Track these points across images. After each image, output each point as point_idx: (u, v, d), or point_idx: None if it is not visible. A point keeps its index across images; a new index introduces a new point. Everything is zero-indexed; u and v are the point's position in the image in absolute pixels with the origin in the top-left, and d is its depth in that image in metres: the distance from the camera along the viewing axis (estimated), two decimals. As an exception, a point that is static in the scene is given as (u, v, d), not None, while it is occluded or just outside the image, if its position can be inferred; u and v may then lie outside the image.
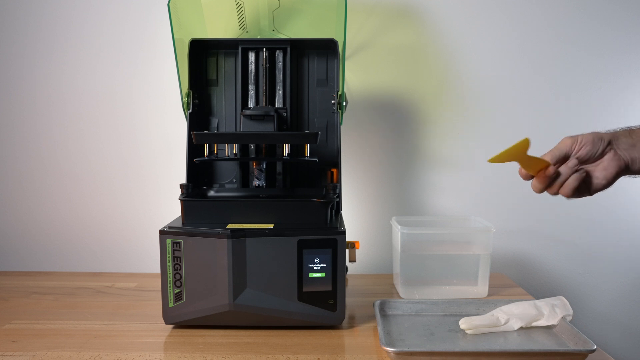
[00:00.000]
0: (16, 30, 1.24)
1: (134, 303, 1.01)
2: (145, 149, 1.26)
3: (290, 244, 0.82)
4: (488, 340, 0.81)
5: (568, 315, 0.85)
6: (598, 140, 0.75)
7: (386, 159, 1.26)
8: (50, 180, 1.28)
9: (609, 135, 0.77)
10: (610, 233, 1.28)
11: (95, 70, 1.25)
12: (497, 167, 1.26)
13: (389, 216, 1.20)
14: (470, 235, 1.05)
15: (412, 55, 1.24)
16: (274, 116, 0.98)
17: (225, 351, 0.78)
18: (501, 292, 1.08)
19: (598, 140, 0.75)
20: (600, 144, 0.75)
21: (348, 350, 0.79)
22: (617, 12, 1.23)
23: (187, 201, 0.87)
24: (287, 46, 1.03)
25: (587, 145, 0.75)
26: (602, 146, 0.75)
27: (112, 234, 1.28)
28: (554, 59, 1.24)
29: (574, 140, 0.76)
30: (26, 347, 0.80)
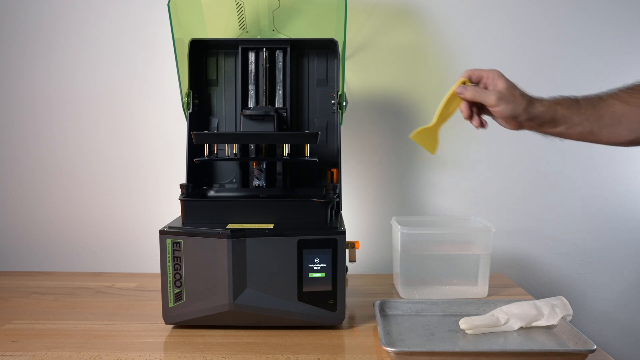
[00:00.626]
0: (16, 30, 1.24)
1: (134, 303, 1.01)
2: (145, 149, 1.26)
3: (290, 244, 0.82)
4: (488, 340, 0.81)
5: (568, 315, 0.85)
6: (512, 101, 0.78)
7: (386, 159, 1.26)
8: (50, 180, 1.28)
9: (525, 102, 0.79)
10: (610, 233, 1.28)
11: (95, 70, 1.25)
12: (497, 167, 1.26)
13: (389, 216, 1.20)
14: (470, 235, 1.05)
15: (412, 55, 1.24)
16: (274, 116, 0.98)
17: (225, 351, 0.78)
18: (501, 292, 1.08)
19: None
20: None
21: (348, 350, 0.79)
22: (617, 12, 1.23)
23: (187, 201, 0.87)
24: (287, 46, 1.03)
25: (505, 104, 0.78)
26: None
27: (112, 234, 1.28)
28: (554, 59, 1.24)
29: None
30: (26, 347, 0.80)
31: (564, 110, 0.77)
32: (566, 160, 1.26)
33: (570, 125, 0.78)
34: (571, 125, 0.78)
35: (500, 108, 0.78)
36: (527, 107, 0.77)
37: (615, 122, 0.77)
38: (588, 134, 0.78)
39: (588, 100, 0.78)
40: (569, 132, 0.79)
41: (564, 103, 0.78)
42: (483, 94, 0.79)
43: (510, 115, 0.78)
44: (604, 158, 1.26)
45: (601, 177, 1.27)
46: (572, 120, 0.78)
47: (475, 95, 0.79)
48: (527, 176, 1.27)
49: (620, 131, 0.77)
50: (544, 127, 0.80)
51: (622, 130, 0.77)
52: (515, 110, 0.77)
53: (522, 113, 0.78)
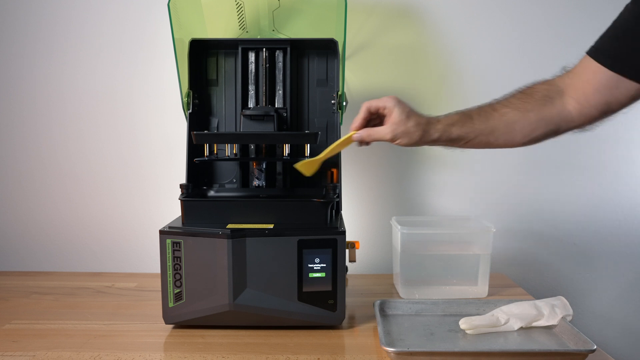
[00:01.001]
0: (16, 30, 1.24)
1: (134, 303, 1.01)
2: (145, 149, 1.26)
3: (290, 244, 0.82)
4: (488, 340, 0.81)
5: (568, 315, 0.85)
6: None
7: (386, 159, 1.26)
8: (50, 180, 1.28)
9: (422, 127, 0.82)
10: (610, 233, 1.28)
11: (95, 70, 1.25)
12: (497, 167, 1.26)
13: (389, 216, 1.20)
14: (470, 235, 1.05)
15: (412, 55, 1.24)
16: (274, 116, 0.98)
17: (225, 351, 0.78)
18: (501, 292, 1.08)
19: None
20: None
21: (348, 350, 0.79)
22: (617, 12, 1.23)
23: (187, 201, 0.87)
24: (287, 46, 1.03)
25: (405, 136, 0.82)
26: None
27: (112, 234, 1.28)
28: (554, 59, 1.24)
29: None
30: (26, 347, 0.80)
31: (458, 130, 0.82)
32: (566, 160, 1.26)
33: (467, 140, 0.83)
34: (467, 141, 0.83)
35: (397, 142, 0.82)
36: (422, 136, 0.82)
37: (509, 129, 0.82)
38: (485, 144, 0.84)
39: (481, 114, 0.83)
40: (468, 145, 0.84)
41: (458, 122, 0.82)
42: (378, 134, 0.83)
43: (408, 145, 0.83)
44: (605, 158, 1.26)
45: (601, 177, 1.27)
46: (468, 137, 0.82)
47: (372, 137, 0.83)
48: (527, 176, 1.27)
49: (514, 136, 0.82)
50: (443, 145, 0.85)
51: (517, 135, 0.82)
52: (411, 141, 0.82)
53: (419, 142, 0.82)
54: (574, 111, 0.80)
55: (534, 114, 0.81)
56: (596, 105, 0.78)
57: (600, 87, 0.77)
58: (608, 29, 0.78)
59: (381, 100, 0.83)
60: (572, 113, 0.80)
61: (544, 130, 0.81)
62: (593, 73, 0.78)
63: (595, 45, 0.79)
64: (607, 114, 0.80)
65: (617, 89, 0.76)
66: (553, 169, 1.27)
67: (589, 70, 0.78)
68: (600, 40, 0.79)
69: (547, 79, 0.84)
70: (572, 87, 0.80)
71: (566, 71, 0.83)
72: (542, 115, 0.81)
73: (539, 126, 0.81)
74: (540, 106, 0.81)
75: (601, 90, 0.77)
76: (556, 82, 0.83)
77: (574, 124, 0.81)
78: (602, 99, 0.78)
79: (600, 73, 0.77)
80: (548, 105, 0.81)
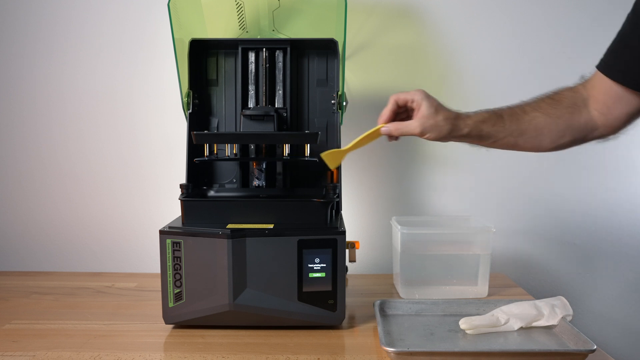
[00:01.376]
0: (16, 30, 1.24)
1: (134, 303, 1.01)
2: (145, 149, 1.26)
3: (290, 244, 0.82)
4: (488, 340, 0.81)
5: (568, 315, 0.85)
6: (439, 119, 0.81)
7: (386, 159, 1.26)
8: (50, 180, 1.28)
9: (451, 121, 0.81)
10: (610, 233, 1.28)
11: (95, 70, 1.25)
12: (497, 167, 1.26)
13: (389, 216, 1.19)
14: (470, 235, 1.05)
15: (412, 55, 1.24)
16: (274, 116, 0.98)
17: (225, 351, 0.78)
18: (501, 292, 1.08)
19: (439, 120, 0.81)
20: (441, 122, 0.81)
21: (348, 350, 0.79)
22: (617, 13, 1.22)
23: (187, 201, 0.87)
24: (287, 46, 1.03)
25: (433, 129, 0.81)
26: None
27: (112, 234, 1.28)
28: (554, 59, 1.24)
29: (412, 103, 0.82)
30: (26, 347, 0.80)
31: (489, 128, 0.81)
32: (566, 160, 1.26)
33: (496, 139, 0.82)
34: (496, 140, 0.82)
35: (426, 136, 0.81)
36: (451, 131, 0.81)
37: (538, 134, 0.81)
38: (512, 146, 0.83)
39: (512, 115, 0.82)
40: (495, 145, 0.83)
41: (488, 120, 0.82)
42: (406, 127, 0.82)
43: (437, 139, 0.82)
44: (605, 158, 1.26)
45: (601, 177, 1.27)
46: (497, 136, 0.82)
47: (400, 131, 0.82)
48: (527, 176, 1.27)
49: (542, 141, 0.82)
50: (471, 142, 0.84)
51: (544, 140, 0.82)
52: (440, 135, 0.81)
53: (447, 136, 0.81)
54: (599, 121, 0.81)
55: (563, 122, 0.81)
56: (619, 116, 0.79)
57: (618, 99, 0.78)
58: (614, 41, 0.78)
59: (409, 93, 0.82)
60: (597, 123, 0.81)
61: (571, 137, 0.82)
62: (609, 87, 0.78)
63: (605, 60, 0.79)
64: (631, 121, 0.80)
65: (635, 100, 0.77)
66: (553, 169, 1.27)
67: (604, 83, 0.79)
68: (608, 53, 0.78)
69: (571, 86, 0.84)
70: (594, 99, 0.81)
71: (584, 79, 0.83)
72: (570, 123, 0.81)
73: (566, 133, 0.81)
74: (569, 113, 0.81)
75: (620, 102, 0.78)
76: (580, 91, 0.82)
77: (599, 133, 0.82)
78: (624, 110, 0.78)
79: (615, 87, 0.77)
80: (576, 114, 0.81)
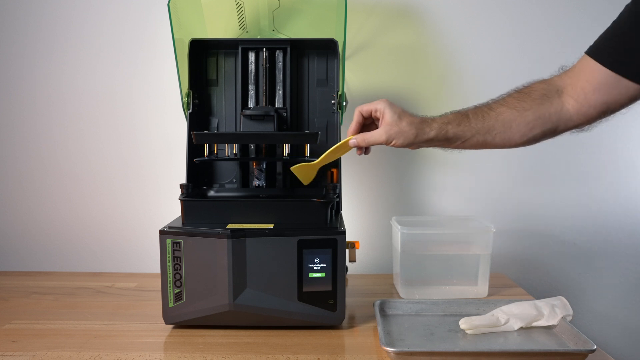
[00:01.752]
0: (16, 30, 1.24)
1: (134, 303, 1.01)
2: (145, 149, 1.26)
3: (290, 244, 0.82)
4: (488, 340, 0.81)
5: (568, 315, 0.85)
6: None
7: (386, 159, 1.26)
8: (50, 180, 1.28)
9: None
10: (610, 233, 1.28)
11: (95, 70, 1.25)
12: (497, 167, 1.26)
13: (389, 216, 1.20)
14: (470, 235, 1.05)
15: (412, 55, 1.24)
16: (274, 116, 0.98)
17: (225, 351, 0.78)
18: (501, 292, 1.08)
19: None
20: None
21: (348, 350, 0.79)
22: (617, 12, 1.23)
23: (187, 201, 0.87)
24: (287, 46, 1.03)
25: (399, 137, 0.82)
26: None
27: (112, 234, 1.28)
28: (554, 59, 1.24)
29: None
30: (26, 347, 0.80)
31: (455, 129, 0.82)
32: (566, 160, 1.26)
33: (464, 140, 0.82)
34: (464, 140, 0.82)
35: (392, 143, 0.82)
36: (417, 135, 0.81)
37: (505, 129, 0.81)
38: (482, 144, 0.83)
39: (478, 113, 0.83)
40: (464, 145, 0.84)
41: (454, 121, 0.82)
42: (372, 137, 0.83)
43: (404, 145, 0.83)
44: (605, 158, 1.26)
45: (601, 177, 1.27)
46: (464, 136, 0.82)
47: (367, 141, 0.84)
48: (527, 176, 1.27)
49: (512, 136, 0.82)
50: (439, 145, 0.84)
51: (514, 135, 0.82)
52: (407, 141, 0.82)
53: (414, 141, 0.82)
54: (573, 110, 0.80)
55: (531, 113, 0.80)
56: (595, 104, 0.78)
57: (599, 86, 0.77)
58: (608, 29, 0.78)
59: (372, 103, 0.84)
60: (571, 112, 0.80)
61: (542, 129, 0.81)
62: (592, 72, 0.77)
63: (595, 45, 0.79)
64: (606, 113, 0.80)
65: (616, 89, 0.76)
66: (553, 169, 1.27)
67: (588, 69, 0.78)
68: (599, 40, 0.78)
69: (545, 78, 0.84)
70: (571, 86, 0.80)
71: (564, 70, 0.83)
72: (539, 114, 0.80)
73: (536, 125, 0.81)
74: (537, 105, 0.80)
75: (600, 89, 0.77)
76: (554, 81, 0.82)
77: (573, 124, 0.81)
78: (601, 99, 0.78)
79: (599, 72, 0.77)
80: (546, 104, 0.80)
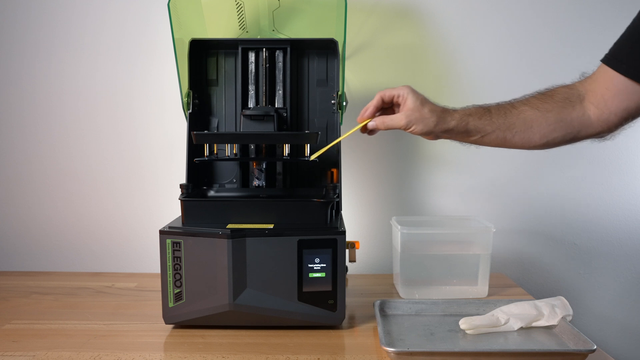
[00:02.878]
0: (16, 30, 1.24)
1: (134, 303, 1.01)
2: (145, 149, 1.26)
3: (290, 244, 0.82)
4: (488, 340, 0.81)
5: (568, 316, 0.85)
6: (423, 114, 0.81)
7: (386, 159, 1.26)
8: (50, 180, 1.28)
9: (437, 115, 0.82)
10: (610, 233, 1.28)
11: (95, 70, 1.25)
12: (497, 167, 1.26)
13: (389, 216, 1.20)
14: (470, 235, 1.05)
15: (412, 55, 1.24)
16: (274, 116, 0.98)
17: (225, 351, 0.78)
18: (501, 292, 1.08)
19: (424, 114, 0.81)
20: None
21: (348, 350, 0.79)
22: (617, 14, 1.23)
23: (187, 201, 0.87)
24: (287, 46, 1.03)
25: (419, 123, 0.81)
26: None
27: (112, 234, 1.28)
28: (554, 60, 1.24)
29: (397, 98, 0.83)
30: (26, 347, 0.80)
31: (476, 122, 0.81)
32: (566, 160, 1.26)
33: (484, 134, 0.82)
34: (484, 134, 0.82)
35: (412, 129, 0.81)
36: (437, 123, 0.81)
37: (526, 127, 0.81)
38: (502, 141, 0.82)
39: (500, 109, 0.82)
40: (483, 140, 0.83)
41: (475, 114, 0.81)
42: (392, 121, 0.82)
43: (423, 132, 0.82)
44: (604, 157, 1.26)
45: (601, 177, 1.27)
46: (485, 130, 0.81)
47: (387, 125, 0.83)
48: (527, 176, 1.27)
49: (532, 136, 0.81)
50: (458, 137, 0.83)
51: (534, 135, 0.81)
52: (426, 128, 0.81)
53: (434, 129, 0.81)
54: (594, 117, 0.80)
55: (553, 115, 0.80)
56: (616, 111, 0.78)
57: (618, 93, 0.77)
58: (622, 35, 0.78)
59: (395, 89, 0.83)
60: (592, 118, 0.80)
61: (563, 132, 0.81)
62: (610, 80, 0.77)
63: (610, 52, 0.78)
64: (627, 120, 0.79)
65: (636, 94, 0.76)
66: (553, 169, 1.27)
67: (606, 76, 0.78)
68: (614, 47, 0.78)
69: (567, 83, 0.83)
70: (592, 93, 0.80)
71: (585, 77, 0.83)
72: (561, 117, 0.80)
73: (557, 128, 0.80)
74: (560, 108, 0.80)
75: (619, 96, 0.77)
76: (576, 87, 0.82)
77: (594, 130, 0.81)
78: (621, 105, 0.77)
79: (616, 79, 0.77)
80: (568, 108, 0.80)
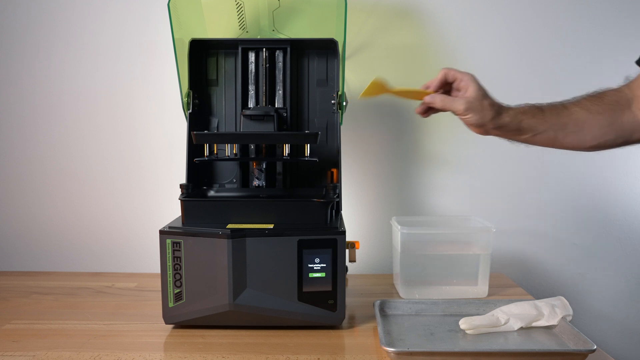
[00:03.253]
0: (16, 30, 1.24)
1: (134, 303, 1.01)
2: (145, 149, 1.26)
3: (290, 244, 0.82)
4: (488, 340, 0.81)
5: (568, 315, 0.85)
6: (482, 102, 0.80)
7: (386, 159, 1.26)
8: (50, 180, 1.28)
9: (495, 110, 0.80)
10: (610, 233, 1.28)
11: (95, 70, 1.25)
12: (497, 167, 1.26)
13: (389, 216, 1.20)
14: (470, 235, 1.05)
15: (412, 55, 1.24)
16: (274, 116, 0.98)
17: (225, 351, 0.78)
18: (501, 292, 1.08)
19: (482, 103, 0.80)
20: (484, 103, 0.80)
21: (348, 350, 0.79)
22: (617, 14, 1.23)
23: (187, 201, 0.87)
24: (287, 46, 1.03)
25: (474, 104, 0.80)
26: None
27: (112, 234, 1.28)
28: (554, 61, 1.24)
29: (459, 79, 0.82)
30: (26, 347, 0.80)
31: (529, 120, 0.80)
32: (566, 160, 1.26)
33: (535, 133, 0.81)
34: (536, 133, 0.81)
35: (468, 117, 0.80)
36: (494, 117, 0.79)
37: (578, 129, 0.80)
38: (552, 141, 0.81)
39: (552, 109, 0.81)
40: (534, 139, 0.82)
41: (529, 112, 0.81)
42: (452, 103, 0.80)
43: (477, 124, 0.81)
44: (605, 157, 1.26)
45: (601, 177, 1.27)
46: (537, 129, 0.80)
47: (444, 104, 0.81)
48: (527, 176, 1.27)
49: (583, 137, 0.80)
50: (509, 135, 0.82)
51: (585, 136, 0.80)
52: (483, 120, 0.80)
53: (489, 123, 0.80)
54: None
55: (604, 117, 0.80)
56: None
57: None
58: None
59: (460, 72, 0.81)
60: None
61: (615, 135, 0.80)
62: None
63: None
64: None
65: None
66: (553, 169, 1.27)
67: None
68: None
69: (614, 87, 0.83)
70: (638, 99, 0.80)
71: (629, 81, 0.82)
72: (612, 120, 0.80)
73: (610, 131, 0.80)
74: (610, 110, 0.80)
75: None
76: (624, 91, 0.82)
77: None
78: None
79: None
80: (618, 111, 0.80)
